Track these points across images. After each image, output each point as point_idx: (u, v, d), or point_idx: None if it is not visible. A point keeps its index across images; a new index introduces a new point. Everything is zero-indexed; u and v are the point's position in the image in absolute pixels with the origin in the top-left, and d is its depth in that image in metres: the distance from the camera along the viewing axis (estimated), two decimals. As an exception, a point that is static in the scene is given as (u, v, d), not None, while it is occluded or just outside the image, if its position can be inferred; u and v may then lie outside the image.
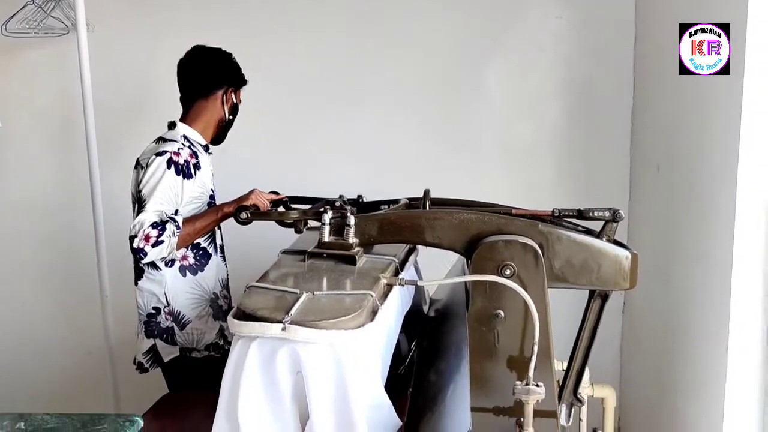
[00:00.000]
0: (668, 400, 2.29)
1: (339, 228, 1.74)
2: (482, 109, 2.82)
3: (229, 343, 2.11)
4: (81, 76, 2.64)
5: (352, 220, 1.71)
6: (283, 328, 1.38)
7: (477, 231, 1.67)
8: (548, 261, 1.64)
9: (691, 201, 2.10)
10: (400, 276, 1.64)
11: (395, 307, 1.83)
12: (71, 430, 1.25)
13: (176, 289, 2.16)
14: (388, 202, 1.99)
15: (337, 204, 1.87)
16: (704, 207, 1.98)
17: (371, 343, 1.60)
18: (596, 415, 2.18)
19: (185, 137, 2.18)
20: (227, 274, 2.33)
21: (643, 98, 2.66)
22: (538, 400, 1.48)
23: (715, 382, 1.83)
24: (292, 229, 1.99)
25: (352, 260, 1.68)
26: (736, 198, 1.71)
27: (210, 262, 2.23)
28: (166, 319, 2.17)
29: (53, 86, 2.95)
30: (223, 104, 2.24)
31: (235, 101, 2.28)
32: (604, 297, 1.75)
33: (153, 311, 2.16)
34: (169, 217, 2.04)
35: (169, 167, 2.06)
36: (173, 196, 2.08)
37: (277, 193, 2.18)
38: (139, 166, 2.14)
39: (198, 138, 2.23)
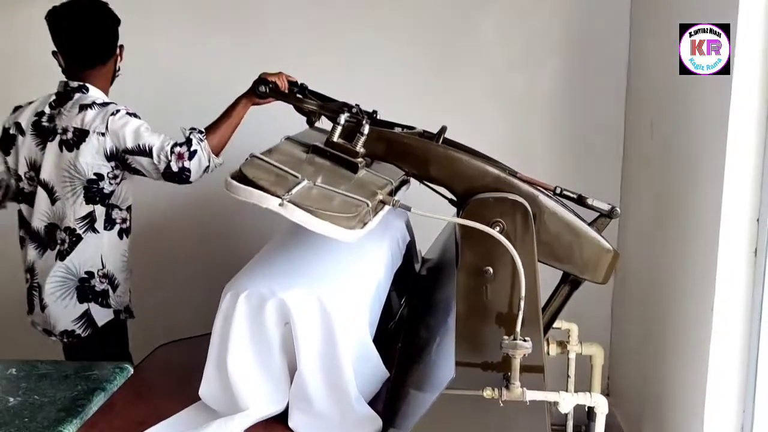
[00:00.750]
0: (656, 359, 2.32)
1: (350, 133, 1.71)
2: (477, 58, 2.79)
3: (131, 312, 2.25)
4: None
5: (366, 128, 1.68)
6: (281, 204, 1.38)
7: (479, 182, 1.67)
8: (537, 233, 1.65)
9: (682, 158, 2.10)
10: (395, 198, 1.62)
11: (385, 257, 1.85)
12: (62, 377, 1.27)
13: (112, 251, 2.14)
14: (403, 126, 1.96)
15: (354, 110, 1.82)
16: (695, 164, 1.98)
17: (359, 295, 1.62)
18: (585, 371, 2.21)
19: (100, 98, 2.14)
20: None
21: (639, 53, 2.63)
22: (525, 355, 1.49)
23: (701, 341, 1.85)
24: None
25: (354, 168, 1.66)
26: (726, 154, 1.71)
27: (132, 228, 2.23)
28: (101, 282, 2.13)
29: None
30: (116, 61, 2.19)
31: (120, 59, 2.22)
32: (575, 284, 1.78)
33: (86, 275, 2.11)
34: (190, 129, 2.03)
35: (133, 115, 2.05)
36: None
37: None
38: (95, 134, 2.03)
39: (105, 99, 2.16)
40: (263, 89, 1.93)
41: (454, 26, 2.78)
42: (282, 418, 1.58)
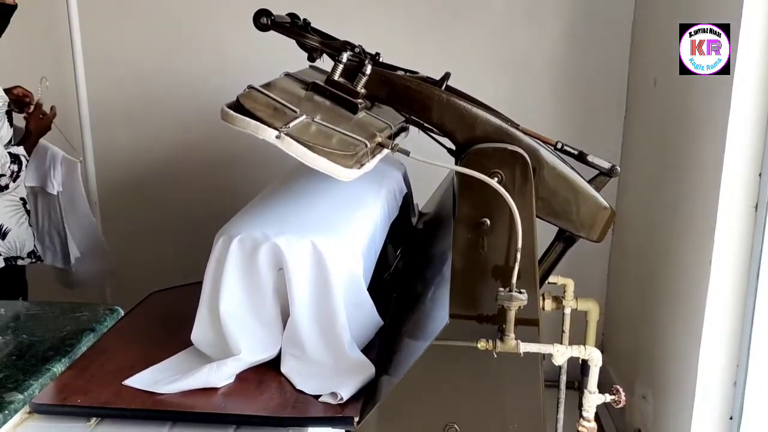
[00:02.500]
0: (651, 316, 2.32)
1: (351, 72, 1.66)
2: (479, 15, 2.74)
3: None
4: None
5: (368, 68, 1.63)
6: (278, 136, 1.34)
7: (480, 131, 1.63)
8: (535, 187, 1.62)
9: (685, 114, 2.07)
10: (394, 142, 1.58)
11: (381, 206, 1.83)
12: (52, 317, 1.26)
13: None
14: (406, 70, 1.91)
15: (357, 50, 1.76)
16: (697, 121, 1.96)
17: (354, 242, 1.60)
18: (580, 327, 2.21)
19: None
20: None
21: (645, 10, 2.58)
22: (520, 307, 1.48)
23: (697, 296, 1.85)
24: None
25: (353, 108, 1.61)
26: (730, 109, 1.69)
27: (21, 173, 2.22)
28: None
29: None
30: None
31: None
32: (570, 241, 1.75)
33: None
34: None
35: None
36: None
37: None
38: None
39: None
40: (265, 20, 1.79)
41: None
42: (274, 363, 1.57)
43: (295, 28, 1.84)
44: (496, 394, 1.56)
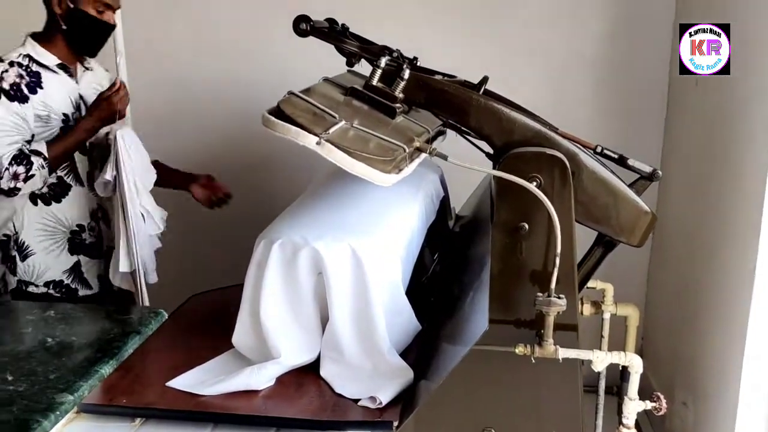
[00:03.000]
0: (692, 321, 2.29)
1: (389, 77, 1.66)
2: (517, 15, 2.73)
3: (84, 282, 2.10)
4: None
5: (406, 73, 1.63)
6: (318, 142, 1.36)
7: (519, 136, 1.62)
8: (574, 191, 1.60)
9: (729, 118, 2.03)
10: (432, 146, 1.58)
11: (419, 210, 1.83)
12: (98, 320, 1.30)
13: (26, 218, 2.04)
14: (444, 74, 1.91)
15: (394, 54, 1.77)
16: (742, 124, 1.92)
17: (392, 247, 1.61)
18: (619, 333, 2.19)
19: (26, 57, 1.98)
20: (98, 205, 2.18)
21: (686, 9, 2.54)
22: (559, 312, 1.47)
23: (740, 303, 1.81)
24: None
25: (391, 112, 1.62)
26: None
27: (70, 193, 2.09)
28: (12, 248, 2.07)
29: None
30: (53, 11, 1.99)
31: (71, 6, 1.97)
32: (610, 246, 1.73)
33: (4, 238, 2.07)
34: (30, 151, 1.93)
35: None
36: (18, 122, 1.94)
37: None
38: None
39: (45, 58, 2.00)
40: (304, 26, 1.81)
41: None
42: (313, 366, 1.59)
43: (333, 33, 1.85)
44: (533, 400, 1.56)
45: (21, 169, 1.90)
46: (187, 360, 1.59)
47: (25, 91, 1.94)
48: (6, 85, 1.91)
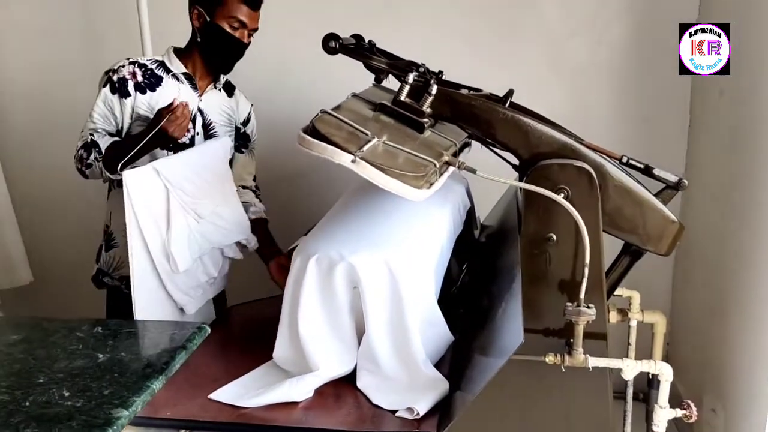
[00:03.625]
0: (719, 327, 2.30)
1: (416, 92, 1.70)
2: (536, 25, 2.76)
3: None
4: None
5: (434, 88, 1.67)
6: (353, 160, 1.39)
7: (546, 148, 1.65)
8: (601, 201, 1.62)
9: (755, 126, 2.05)
10: (460, 160, 1.61)
11: (448, 222, 1.86)
12: (145, 336, 1.34)
13: (118, 210, 2.00)
14: (469, 88, 1.94)
15: (421, 70, 1.79)
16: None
17: (425, 260, 1.64)
18: (643, 339, 2.20)
19: (157, 62, 2.10)
20: None
21: (709, 17, 2.55)
22: (588, 322, 1.50)
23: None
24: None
25: (420, 127, 1.65)
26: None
27: None
28: (102, 237, 2.18)
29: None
30: (193, 24, 2.08)
31: (208, 19, 2.03)
32: (636, 255, 1.74)
33: (105, 226, 2.18)
34: (92, 141, 2.00)
35: (105, 85, 2.03)
36: (109, 115, 2.04)
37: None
38: None
39: (175, 65, 2.11)
40: (333, 44, 1.85)
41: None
42: (351, 379, 1.63)
43: (361, 50, 1.90)
44: (563, 409, 1.58)
45: (85, 155, 1.99)
46: (228, 371, 1.64)
47: (131, 88, 2.03)
48: (115, 77, 2.02)
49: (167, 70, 2.09)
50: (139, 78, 2.04)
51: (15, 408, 1.06)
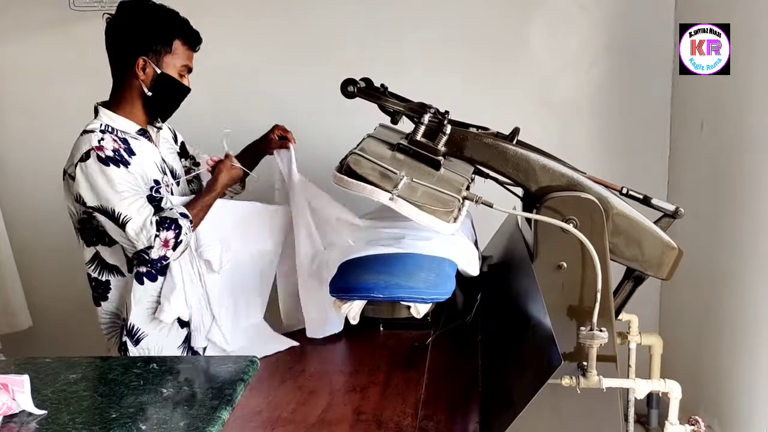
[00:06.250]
0: (710, 347, 2.38)
1: (430, 132, 1.80)
2: (523, 63, 2.88)
3: (195, 353, 1.93)
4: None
5: (448, 128, 1.77)
6: (391, 198, 1.52)
7: (555, 182, 1.77)
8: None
9: (736, 156, 2.14)
10: (478, 195, 1.71)
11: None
12: (199, 370, 1.38)
13: (132, 300, 1.85)
14: (477, 126, 2.02)
15: (432, 110, 1.86)
16: (752, 165, 2.04)
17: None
18: (644, 362, 2.29)
19: (107, 127, 1.85)
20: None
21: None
22: (601, 345, 1.57)
23: (761, 330, 1.92)
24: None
25: (436, 165, 1.75)
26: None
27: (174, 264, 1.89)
28: (122, 333, 1.88)
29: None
30: (137, 77, 1.87)
31: (158, 71, 1.87)
32: (639, 280, 1.86)
33: (123, 321, 1.90)
34: (180, 214, 1.81)
35: (106, 164, 1.77)
36: (134, 185, 1.80)
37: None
38: (68, 176, 1.82)
39: (124, 126, 1.88)
40: (352, 89, 1.92)
41: (503, 35, 2.87)
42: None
43: (376, 93, 1.99)
44: (577, 430, 1.67)
45: (171, 235, 1.76)
46: (267, 404, 1.64)
47: (126, 156, 1.82)
48: (110, 152, 1.78)
49: (122, 132, 1.88)
50: (121, 144, 1.84)
51: (98, 443, 1.07)
